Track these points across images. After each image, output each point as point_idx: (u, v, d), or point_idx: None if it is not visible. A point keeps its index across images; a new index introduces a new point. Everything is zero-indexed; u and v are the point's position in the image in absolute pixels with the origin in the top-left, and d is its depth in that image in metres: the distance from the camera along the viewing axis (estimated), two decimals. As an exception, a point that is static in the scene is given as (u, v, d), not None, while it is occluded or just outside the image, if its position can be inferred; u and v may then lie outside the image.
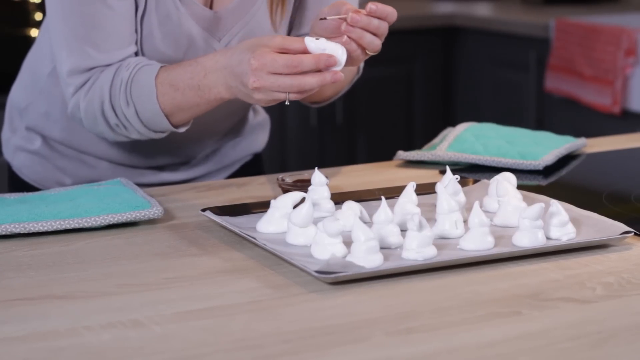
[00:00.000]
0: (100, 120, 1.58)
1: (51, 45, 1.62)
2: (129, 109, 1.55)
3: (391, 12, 1.45)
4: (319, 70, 1.42)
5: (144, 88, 1.54)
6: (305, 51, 1.42)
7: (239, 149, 1.82)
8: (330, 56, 1.42)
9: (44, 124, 1.73)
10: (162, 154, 1.72)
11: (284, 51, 1.42)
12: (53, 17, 1.58)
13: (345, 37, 1.45)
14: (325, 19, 1.48)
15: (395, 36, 3.82)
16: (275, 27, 1.66)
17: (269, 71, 1.41)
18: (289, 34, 1.71)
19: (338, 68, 1.43)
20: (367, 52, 1.47)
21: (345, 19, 1.45)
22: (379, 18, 1.45)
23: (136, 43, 1.60)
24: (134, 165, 1.73)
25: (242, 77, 1.44)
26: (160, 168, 1.75)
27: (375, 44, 1.46)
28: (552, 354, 1.01)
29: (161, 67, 1.56)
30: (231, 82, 1.47)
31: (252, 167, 1.86)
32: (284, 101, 1.44)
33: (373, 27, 1.45)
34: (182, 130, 1.59)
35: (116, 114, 1.56)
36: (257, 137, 1.86)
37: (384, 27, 1.46)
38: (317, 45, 1.43)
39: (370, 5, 1.44)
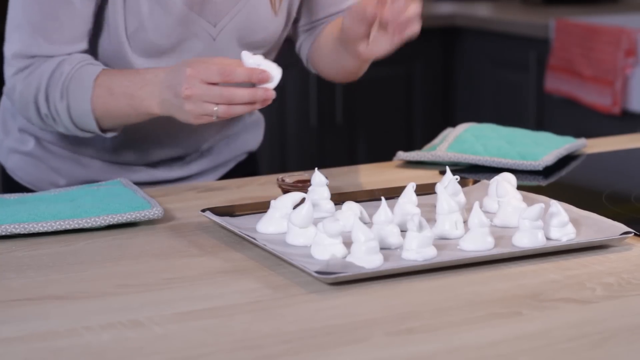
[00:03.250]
0: (31, 107, 1.59)
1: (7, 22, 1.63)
2: (61, 103, 1.56)
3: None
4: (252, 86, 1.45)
5: (81, 86, 1.56)
6: (232, 64, 1.46)
7: (233, 147, 1.82)
8: (264, 72, 1.45)
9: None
10: (156, 150, 1.72)
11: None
12: (15, 1, 1.60)
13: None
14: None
15: (395, 36, 3.84)
16: (274, 9, 1.66)
17: (202, 79, 1.45)
18: (295, 23, 1.73)
19: (271, 85, 1.45)
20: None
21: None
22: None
23: (90, 42, 1.61)
24: (128, 162, 1.73)
25: (175, 87, 1.47)
26: (155, 165, 1.75)
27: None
28: (552, 355, 1.01)
29: (103, 69, 1.57)
30: (165, 95, 1.50)
31: (247, 166, 1.86)
32: (212, 116, 1.46)
33: (399, 24, 1.48)
34: (109, 136, 1.61)
35: (48, 105, 1.58)
36: (251, 135, 1.86)
37: (404, 26, 1.50)
38: (253, 60, 1.46)
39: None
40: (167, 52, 1.61)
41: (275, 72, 1.45)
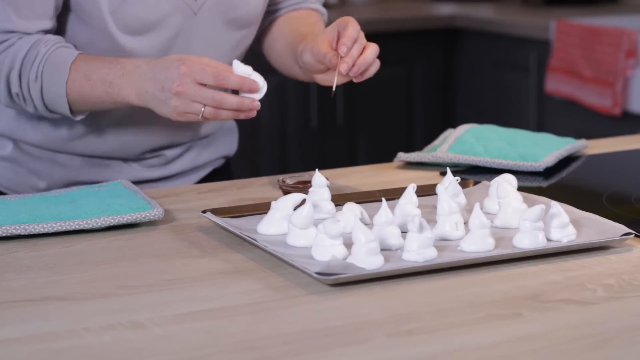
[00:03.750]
0: (2, 85, 1.60)
1: None
2: (35, 84, 1.57)
3: (368, 74, 1.59)
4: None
5: (57, 69, 1.57)
6: (223, 69, 1.48)
7: (210, 149, 1.84)
8: (255, 82, 1.49)
9: (16, 128, 1.71)
10: (141, 141, 1.73)
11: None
12: None
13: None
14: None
15: (396, 37, 3.84)
16: None
17: (195, 79, 1.47)
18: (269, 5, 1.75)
19: (257, 97, 1.48)
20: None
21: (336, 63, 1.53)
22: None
23: (59, 28, 1.62)
24: (109, 156, 1.72)
25: (164, 82, 1.49)
26: (136, 160, 1.74)
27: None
28: (553, 356, 1.01)
29: (79, 54, 1.58)
30: (147, 88, 1.51)
31: (223, 171, 1.88)
32: (198, 115, 1.48)
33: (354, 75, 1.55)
34: (77, 119, 1.62)
35: (20, 85, 1.58)
36: (227, 140, 1.88)
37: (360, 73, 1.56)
38: (243, 69, 1.49)
39: (354, 70, 1.54)
40: (151, 27, 1.61)
41: (262, 84, 1.49)
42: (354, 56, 1.54)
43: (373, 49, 1.57)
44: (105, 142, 1.71)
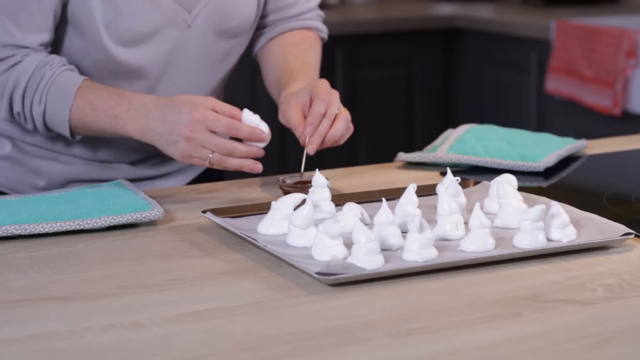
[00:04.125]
0: (4, 103, 1.60)
1: None
2: (39, 107, 1.58)
3: (339, 140, 1.59)
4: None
5: (62, 94, 1.57)
6: (232, 116, 1.50)
7: None
8: (263, 132, 1.51)
9: (14, 128, 1.71)
10: (137, 150, 1.73)
11: (215, 111, 1.50)
12: None
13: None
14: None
15: (396, 37, 3.84)
16: None
17: (207, 127, 1.49)
18: (258, 4, 1.74)
19: (262, 145, 1.51)
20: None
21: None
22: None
23: (54, 31, 1.62)
24: (109, 160, 1.73)
25: (174, 125, 1.50)
26: (134, 163, 1.75)
27: (338, 142, 1.59)
28: (553, 356, 1.01)
29: (85, 80, 1.59)
30: (154, 127, 1.52)
31: (215, 170, 1.88)
32: (205, 161, 1.50)
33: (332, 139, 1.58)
34: (75, 139, 1.63)
35: (23, 105, 1.59)
36: None
37: (346, 135, 1.59)
38: (251, 118, 1.51)
39: (323, 143, 1.57)
40: (145, 39, 1.62)
41: (268, 133, 1.52)
42: (322, 133, 1.56)
43: (343, 119, 1.57)
44: (102, 149, 1.71)
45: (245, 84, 3.43)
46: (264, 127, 1.51)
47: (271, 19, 1.80)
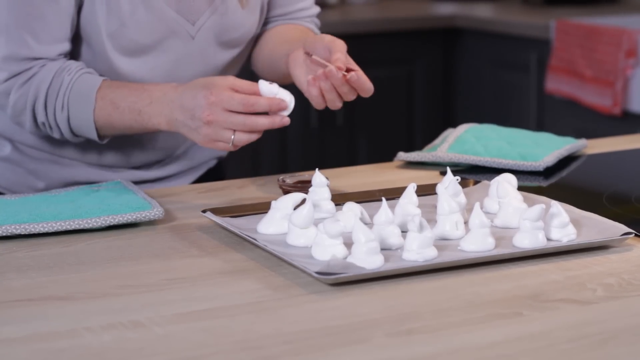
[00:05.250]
0: (27, 115, 1.59)
1: None
2: (62, 113, 1.57)
3: (367, 89, 1.51)
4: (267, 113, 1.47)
5: (83, 97, 1.56)
6: (254, 93, 1.47)
7: (205, 150, 1.84)
8: (282, 101, 1.48)
9: (14, 130, 1.70)
10: (137, 154, 1.73)
11: (234, 90, 1.47)
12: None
13: (311, 77, 1.50)
14: (311, 56, 1.55)
15: (396, 37, 3.84)
16: (241, 3, 1.69)
17: (224, 107, 1.46)
18: (261, 14, 1.74)
19: (286, 113, 1.48)
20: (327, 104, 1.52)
21: (324, 66, 1.50)
22: (353, 87, 1.50)
23: (71, 40, 1.61)
24: (109, 164, 1.73)
25: (194, 111, 1.48)
26: (135, 167, 1.75)
27: (335, 104, 1.51)
28: (553, 355, 1.01)
29: (104, 80, 1.58)
30: (177, 116, 1.50)
31: (216, 172, 1.89)
32: (228, 143, 1.47)
33: (341, 91, 1.50)
34: (104, 142, 1.62)
35: (47, 114, 1.58)
36: None
37: (351, 96, 1.51)
38: (269, 89, 1.48)
39: (353, 74, 1.49)
40: (148, 50, 1.62)
41: (289, 99, 1.48)
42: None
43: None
44: (102, 153, 1.71)
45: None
46: (283, 95, 1.47)
47: (266, 19, 1.80)
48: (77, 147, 1.70)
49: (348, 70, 1.51)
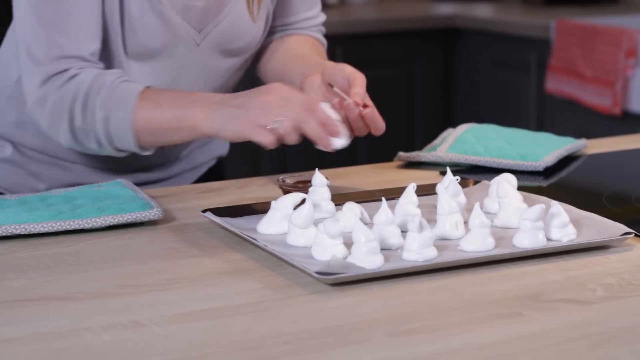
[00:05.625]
0: (64, 119, 1.55)
1: (17, 36, 1.59)
2: (100, 112, 1.53)
3: (380, 128, 1.52)
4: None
5: (124, 97, 1.53)
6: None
7: (206, 150, 1.85)
8: (339, 126, 1.44)
9: (15, 132, 1.70)
10: (140, 158, 1.72)
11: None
12: (22, 6, 1.57)
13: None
14: (332, 87, 1.55)
15: (396, 37, 3.84)
16: (252, 17, 1.68)
17: (284, 95, 1.44)
18: (266, 24, 1.74)
19: (336, 143, 1.46)
20: None
21: (342, 99, 1.51)
22: (366, 123, 1.50)
23: (102, 40, 1.60)
24: (109, 168, 1.73)
25: (247, 95, 1.45)
26: (135, 171, 1.75)
27: (343, 133, 1.49)
28: (553, 355, 1.01)
29: (147, 86, 1.56)
30: (227, 100, 1.47)
31: (216, 171, 1.89)
32: (274, 128, 1.44)
33: (355, 125, 1.51)
34: (145, 153, 1.58)
35: (84, 115, 1.54)
36: (220, 142, 1.89)
37: (362, 131, 1.52)
38: (330, 113, 1.47)
39: (368, 111, 1.50)
40: (154, 55, 1.62)
41: (344, 134, 1.45)
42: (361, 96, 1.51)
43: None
44: (104, 158, 1.70)
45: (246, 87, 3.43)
46: (342, 127, 1.46)
47: (272, 29, 1.80)
48: (81, 153, 1.69)
49: (364, 106, 1.52)
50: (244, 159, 3.45)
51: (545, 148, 1.75)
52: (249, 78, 1.82)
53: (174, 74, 1.65)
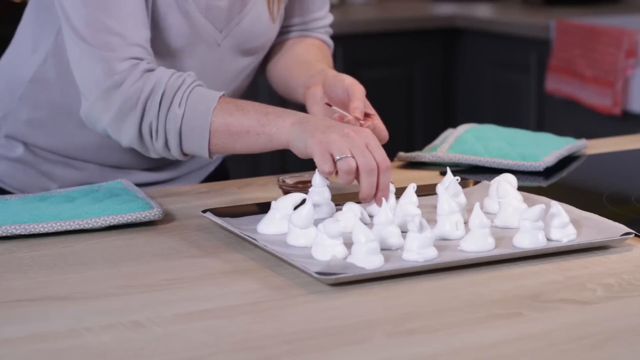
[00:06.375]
0: (135, 113, 1.50)
1: (64, 29, 1.54)
2: (179, 109, 1.49)
3: (383, 138, 1.50)
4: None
5: (205, 97, 1.49)
6: None
7: None
8: (388, 192, 1.39)
9: (26, 132, 1.70)
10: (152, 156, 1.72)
11: None
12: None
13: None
14: (331, 106, 1.55)
15: (396, 37, 3.84)
16: (273, 17, 1.69)
17: (367, 141, 1.39)
18: (280, 23, 1.74)
19: (370, 208, 1.41)
20: None
21: (342, 116, 1.50)
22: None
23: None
24: (123, 166, 1.73)
25: (335, 125, 1.42)
26: (147, 169, 1.75)
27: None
28: (553, 355, 1.01)
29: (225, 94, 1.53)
30: (311, 119, 1.44)
31: (222, 170, 1.89)
32: (339, 157, 1.38)
33: None
34: (212, 158, 1.53)
35: (159, 112, 1.49)
36: None
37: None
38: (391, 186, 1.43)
39: (370, 124, 1.49)
40: (176, 54, 1.62)
41: (391, 204, 1.39)
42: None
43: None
44: (119, 154, 1.70)
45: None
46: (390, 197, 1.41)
47: (282, 29, 1.80)
48: (91, 149, 1.69)
49: (366, 115, 1.52)
50: (245, 159, 3.45)
51: (545, 148, 1.75)
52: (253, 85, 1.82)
53: (194, 73, 1.64)
